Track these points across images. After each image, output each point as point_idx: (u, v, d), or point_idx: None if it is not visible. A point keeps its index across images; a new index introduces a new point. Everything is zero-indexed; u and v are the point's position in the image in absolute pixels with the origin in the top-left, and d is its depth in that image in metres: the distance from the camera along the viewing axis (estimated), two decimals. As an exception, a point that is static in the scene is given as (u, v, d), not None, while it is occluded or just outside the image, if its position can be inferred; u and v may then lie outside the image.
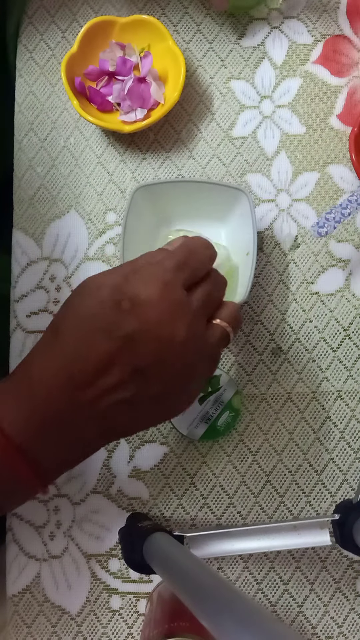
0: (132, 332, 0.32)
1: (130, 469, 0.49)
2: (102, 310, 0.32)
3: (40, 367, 0.32)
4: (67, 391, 0.32)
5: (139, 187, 0.47)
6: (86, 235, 0.52)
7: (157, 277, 0.33)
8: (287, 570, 0.48)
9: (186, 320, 0.33)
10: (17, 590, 0.49)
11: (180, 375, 0.34)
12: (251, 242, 0.46)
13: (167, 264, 0.34)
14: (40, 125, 0.54)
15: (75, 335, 0.32)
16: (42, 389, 0.32)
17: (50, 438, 0.32)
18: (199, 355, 0.34)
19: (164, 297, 0.33)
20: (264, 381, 0.49)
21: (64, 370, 0.32)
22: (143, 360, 0.32)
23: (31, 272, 0.52)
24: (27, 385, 0.32)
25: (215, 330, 0.36)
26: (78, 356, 0.32)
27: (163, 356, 0.32)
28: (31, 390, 0.32)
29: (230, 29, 0.54)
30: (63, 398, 0.32)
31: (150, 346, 0.32)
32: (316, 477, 0.48)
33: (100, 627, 0.48)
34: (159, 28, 0.50)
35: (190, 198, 0.49)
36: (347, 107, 0.52)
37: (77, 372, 0.32)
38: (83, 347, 0.32)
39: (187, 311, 0.33)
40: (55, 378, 0.32)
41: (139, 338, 0.32)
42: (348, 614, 0.47)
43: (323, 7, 0.53)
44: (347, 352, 0.49)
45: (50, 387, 0.32)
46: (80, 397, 0.32)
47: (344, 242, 0.51)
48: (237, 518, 0.48)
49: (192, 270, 0.35)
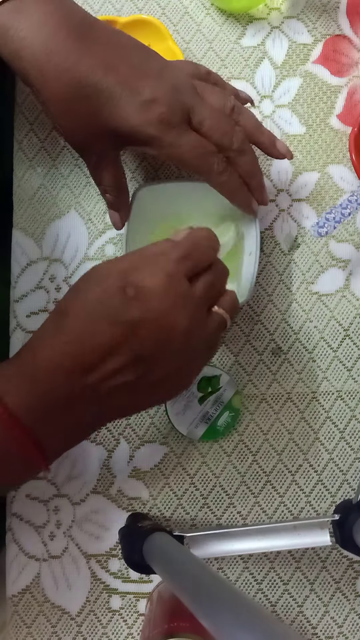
0: (135, 319, 0.33)
1: (130, 469, 0.49)
2: (108, 296, 0.33)
3: (44, 349, 0.33)
4: (71, 373, 0.33)
5: (141, 188, 0.47)
6: (86, 235, 0.52)
7: (162, 267, 0.34)
8: (287, 570, 0.48)
9: (188, 310, 0.35)
10: (17, 591, 0.49)
11: (181, 361, 0.35)
12: (253, 242, 0.46)
13: (172, 255, 0.35)
14: (40, 125, 0.54)
15: (80, 320, 0.33)
16: (46, 370, 0.33)
17: (52, 417, 0.33)
18: (199, 343, 0.36)
19: (167, 287, 0.34)
20: (264, 381, 0.49)
21: (69, 354, 0.33)
22: (145, 347, 0.33)
23: (31, 272, 0.52)
24: (31, 365, 0.33)
25: (215, 318, 0.37)
26: (83, 340, 0.33)
27: (165, 344, 0.34)
28: (35, 370, 0.33)
29: (230, 28, 0.54)
30: (66, 380, 0.33)
31: (152, 334, 0.33)
32: (316, 477, 0.48)
33: (100, 627, 0.48)
34: (159, 28, 0.50)
35: (192, 198, 0.49)
36: (347, 107, 0.52)
37: (81, 355, 0.33)
38: (88, 332, 0.33)
39: (189, 301, 0.35)
40: (59, 360, 0.33)
41: (142, 325, 0.33)
42: (348, 614, 0.47)
43: (323, 7, 0.53)
44: (347, 352, 0.49)
45: (54, 369, 0.33)
46: (83, 380, 0.33)
47: (344, 242, 0.51)
48: (237, 518, 0.48)
49: (196, 261, 0.36)
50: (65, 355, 0.33)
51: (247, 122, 0.43)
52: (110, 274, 0.34)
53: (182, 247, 0.36)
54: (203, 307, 0.36)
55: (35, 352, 0.34)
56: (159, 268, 0.34)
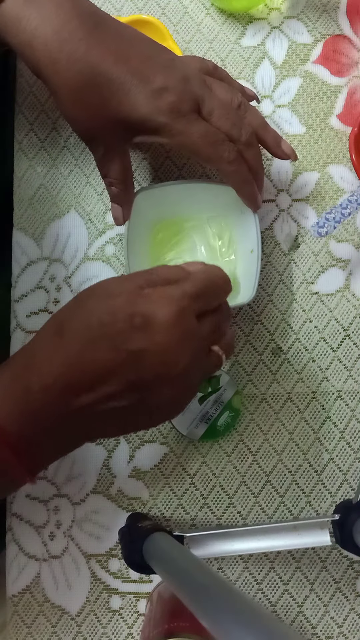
0: (139, 349, 0.32)
1: (130, 469, 0.49)
2: (113, 321, 0.32)
3: (41, 365, 0.33)
4: (64, 394, 0.32)
5: (140, 191, 0.47)
6: (86, 235, 0.52)
7: (174, 300, 0.33)
8: (287, 570, 0.48)
9: (192, 348, 0.34)
10: (17, 591, 0.49)
11: (175, 392, 0.35)
12: (255, 241, 0.46)
13: (186, 289, 0.34)
14: (41, 125, 0.54)
15: (81, 340, 0.33)
16: (40, 388, 0.32)
17: (40, 434, 0.33)
18: (196, 377, 0.36)
19: (177, 323, 0.33)
20: (264, 381, 0.49)
21: (64, 375, 0.32)
22: (143, 378, 0.33)
23: (31, 272, 0.52)
24: (25, 381, 0.33)
25: (213, 357, 0.37)
26: (81, 362, 0.32)
27: (163, 377, 0.33)
28: (28, 387, 0.32)
29: (230, 28, 0.54)
30: (59, 400, 0.32)
31: (153, 367, 0.33)
32: (316, 477, 0.48)
33: (100, 627, 0.48)
34: (159, 28, 0.50)
35: (192, 199, 0.49)
36: (347, 107, 0.52)
37: (77, 377, 0.32)
38: (87, 354, 0.32)
39: (194, 340, 0.34)
40: (54, 380, 0.32)
41: (144, 357, 0.32)
42: (348, 614, 0.47)
43: (323, 7, 0.53)
44: (347, 352, 0.49)
45: (48, 388, 0.32)
46: (75, 402, 0.32)
47: (344, 242, 0.51)
48: (237, 518, 0.48)
49: (208, 301, 0.36)
50: (60, 375, 0.32)
51: (254, 120, 0.43)
52: (118, 295, 0.33)
53: (197, 284, 0.35)
54: (206, 347, 0.36)
55: (31, 365, 0.33)
56: (171, 300, 0.33)
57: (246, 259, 0.48)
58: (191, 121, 0.39)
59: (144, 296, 0.33)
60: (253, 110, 0.43)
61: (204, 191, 0.48)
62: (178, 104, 0.39)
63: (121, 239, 0.52)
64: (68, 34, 0.38)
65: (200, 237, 0.50)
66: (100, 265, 0.52)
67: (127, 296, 0.33)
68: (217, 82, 0.42)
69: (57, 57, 0.38)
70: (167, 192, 0.48)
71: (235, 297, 0.47)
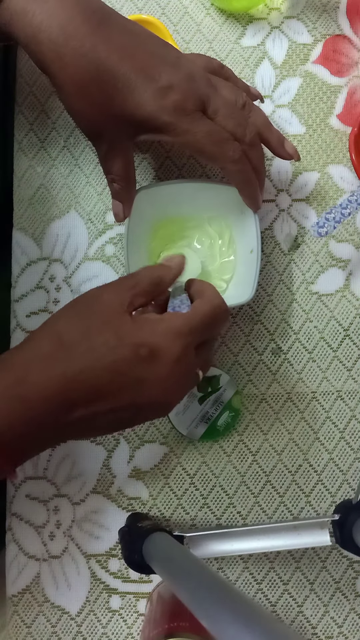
0: (141, 378, 0.34)
1: (130, 469, 0.49)
2: (119, 345, 0.34)
3: (39, 374, 0.33)
4: (59, 408, 0.33)
5: (140, 190, 0.47)
6: (86, 235, 0.52)
7: (181, 335, 0.35)
8: (287, 570, 0.48)
9: (187, 376, 0.37)
10: (17, 591, 0.49)
11: (162, 411, 0.37)
12: (254, 240, 0.46)
13: (193, 324, 0.36)
14: (40, 125, 0.54)
15: (83, 359, 0.34)
16: (35, 401, 0.33)
17: (29, 438, 0.34)
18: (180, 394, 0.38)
19: (180, 360, 0.35)
20: (264, 381, 0.49)
21: (62, 388, 0.33)
22: (139, 402, 0.35)
23: (31, 272, 0.52)
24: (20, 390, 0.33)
25: (195, 376, 0.39)
26: (81, 379, 0.33)
27: (158, 402, 0.35)
28: (23, 397, 0.33)
29: (230, 28, 0.54)
30: (53, 412, 0.33)
31: (151, 394, 0.35)
32: (316, 477, 0.48)
33: (100, 627, 0.48)
34: (159, 28, 0.50)
35: (192, 198, 0.49)
36: (347, 107, 0.52)
37: (74, 392, 0.33)
38: (89, 372, 0.33)
39: (190, 369, 0.37)
40: (51, 394, 0.33)
41: (145, 384, 0.34)
42: (348, 614, 0.47)
43: (323, 7, 0.53)
44: (347, 352, 0.49)
45: (43, 401, 0.33)
46: (69, 415, 0.33)
47: (344, 242, 0.51)
48: (237, 518, 0.48)
49: (210, 334, 0.38)
50: (59, 389, 0.33)
51: (258, 120, 0.43)
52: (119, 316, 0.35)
53: (204, 319, 0.36)
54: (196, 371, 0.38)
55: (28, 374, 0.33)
56: (178, 336, 0.35)
57: (246, 258, 0.48)
58: (196, 120, 0.39)
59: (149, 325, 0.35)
60: (257, 110, 0.43)
61: (204, 191, 0.48)
62: (183, 103, 0.39)
63: (121, 238, 0.52)
64: (73, 30, 0.37)
65: (200, 236, 0.50)
66: (100, 265, 0.52)
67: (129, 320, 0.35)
68: (222, 82, 0.42)
69: (63, 52, 0.38)
70: (167, 191, 0.48)
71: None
